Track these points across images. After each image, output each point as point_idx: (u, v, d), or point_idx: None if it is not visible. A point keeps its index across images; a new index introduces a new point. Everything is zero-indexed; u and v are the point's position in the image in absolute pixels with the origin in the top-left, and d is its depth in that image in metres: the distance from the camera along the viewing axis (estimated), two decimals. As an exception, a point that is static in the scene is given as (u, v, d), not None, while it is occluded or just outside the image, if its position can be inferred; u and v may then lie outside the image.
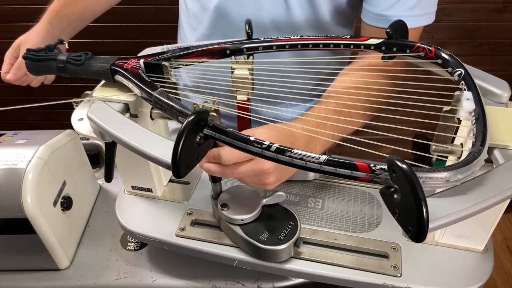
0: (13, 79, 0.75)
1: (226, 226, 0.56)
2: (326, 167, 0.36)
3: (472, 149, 0.40)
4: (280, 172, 0.51)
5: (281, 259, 0.54)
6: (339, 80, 0.66)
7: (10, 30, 1.53)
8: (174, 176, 0.40)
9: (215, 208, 0.57)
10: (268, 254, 0.53)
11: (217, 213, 0.57)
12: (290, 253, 0.54)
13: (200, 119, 0.39)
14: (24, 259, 0.64)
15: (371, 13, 0.66)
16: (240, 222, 0.54)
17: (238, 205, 0.55)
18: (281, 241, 0.52)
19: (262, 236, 0.53)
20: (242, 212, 0.54)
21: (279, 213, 0.56)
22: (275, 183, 0.52)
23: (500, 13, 1.46)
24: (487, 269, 0.54)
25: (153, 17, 1.50)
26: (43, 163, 0.59)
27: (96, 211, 0.75)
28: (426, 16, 0.65)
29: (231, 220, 0.54)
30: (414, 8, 0.63)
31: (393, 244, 0.56)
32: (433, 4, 0.65)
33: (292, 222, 0.55)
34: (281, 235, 0.53)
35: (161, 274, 0.63)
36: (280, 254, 0.53)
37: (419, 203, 0.30)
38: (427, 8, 0.65)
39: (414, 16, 0.63)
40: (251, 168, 0.49)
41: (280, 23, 0.72)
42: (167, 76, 0.54)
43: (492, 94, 0.53)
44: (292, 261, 0.54)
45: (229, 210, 0.55)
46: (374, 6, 0.66)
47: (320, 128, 0.56)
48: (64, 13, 0.80)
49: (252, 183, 0.52)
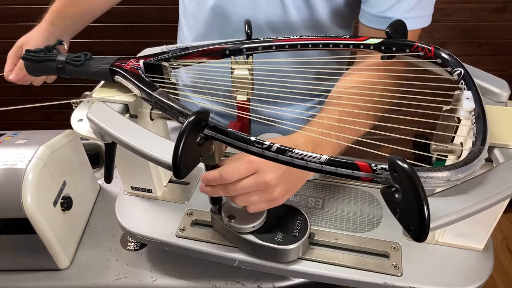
0: (15, 79, 0.75)
1: (236, 237, 0.54)
2: (327, 167, 0.36)
3: (473, 148, 0.40)
4: (286, 184, 0.50)
5: (299, 255, 0.53)
6: (346, 80, 0.65)
7: (11, 30, 1.53)
8: (174, 176, 0.40)
9: (219, 221, 0.55)
10: (287, 253, 0.52)
11: (221, 226, 0.55)
12: (306, 247, 0.53)
13: (201, 120, 0.39)
14: (24, 259, 0.64)
15: (369, 14, 0.66)
16: (251, 229, 0.53)
17: (244, 213, 0.53)
18: (297, 238, 0.52)
19: (277, 238, 0.52)
20: (251, 219, 0.53)
21: (284, 211, 0.56)
22: (282, 196, 0.51)
23: (500, 13, 1.46)
24: (487, 268, 0.54)
25: (153, 17, 1.50)
26: (43, 163, 0.59)
27: (96, 211, 0.75)
28: (423, 19, 0.65)
29: (242, 230, 0.53)
30: (412, 10, 0.63)
31: (394, 244, 0.56)
32: (430, 6, 0.65)
33: (301, 217, 0.55)
34: (295, 232, 0.53)
35: (161, 274, 0.63)
36: (298, 251, 0.53)
37: (420, 202, 0.30)
38: (424, 11, 0.65)
39: (412, 18, 0.63)
40: (254, 181, 0.48)
41: (276, 24, 0.72)
42: (166, 77, 0.54)
43: (491, 94, 0.53)
44: (293, 261, 0.54)
45: (237, 220, 0.53)
46: (372, 7, 0.66)
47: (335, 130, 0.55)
48: (65, 13, 0.81)
49: (260, 200, 0.50)
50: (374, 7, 0.65)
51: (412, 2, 0.63)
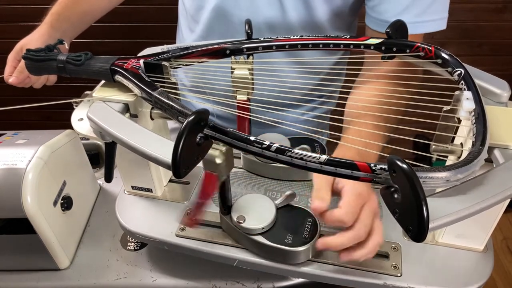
0: (16, 82, 0.75)
1: (244, 237, 0.54)
2: (327, 167, 0.36)
3: (472, 149, 0.40)
4: None
5: (309, 257, 0.53)
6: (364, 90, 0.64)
7: (11, 30, 1.53)
8: (174, 176, 0.40)
9: (228, 222, 0.55)
10: (296, 255, 0.52)
11: (229, 227, 0.55)
12: (315, 250, 0.53)
13: (200, 119, 0.39)
14: (24, 259, 0.64)
15: (377, 19, 0.66)
16: (261, 230, 0.53)
17: (253, 214, 0.53)
18: (306, 240, 0.52)
19: (287, 239, 0.52)
20: (260, 220, 0.53)
21: (294, 213, 0.56)
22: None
23: (500, 13, 1.46)
24: (487, 269, 0.54)
25: (153, 17, 1.50)
26: (43, 163, 0.59)
27: (96, 211, 0.75)
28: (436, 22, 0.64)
29: (252, 231, 0.53)
30: (423, 14, 0.63)
31: (393, 244, 0.56)
32: (444, 9, 0.64)
33: (311, 219, 0.55)
34: (305, 234, 0.53)
35: (161, 274, 0.63)
36: (308, 253, 0.53)
37: (419, 202, 0.30)
38: (436, 14, 0.64)
39: (422, 22, 0.63)
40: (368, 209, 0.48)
41: (276, 25, 0.72)
42: (167, 76, 0.54)
43: (492, 94, 0.53)
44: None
45: (246, 221, 0.53)
46: (380, 14, 0.65)
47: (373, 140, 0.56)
48: (65, 16, 0.81)
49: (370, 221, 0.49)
50: (382, 13, 0.65)
51: (419, 9, 0.62)
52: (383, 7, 0.65)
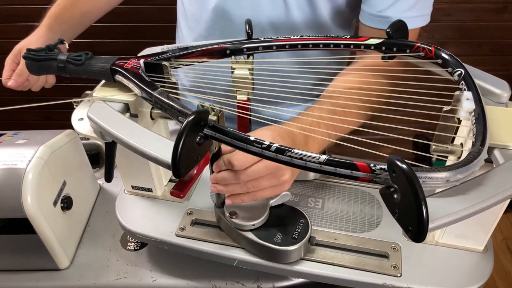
0: (14, 86, 0.74)
1: (236, 233, 0.55)
2: (326, 167, 0.36)
3: (472, 149, 0.40)
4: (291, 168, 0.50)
5: (297, 258, 0.53)
6: (337, 80, 0.66)
7: (11, 30, 1.53)
8: (174, 176, 0.40)
9: (221, 216, 0.56)
10: (284, 255, 0.52)
11: (224, 222, 0.56)
12: (306, 250, 0.54)
13: (200, 119, 0.39)
14: (24, 259, 0.64)
15: (368, 13, 0.67)
16: (251, 227, 0.53)
17: (246, 211, 0.54)
18: (295, 240, 0.52)
19: (276, 238, 0.53)
20: (252, 217, 0.54)
21: (287, 212, 0.56)
22: (291, 179, 0.51)
23: (500, 13, 1.46)
24: (487, 269, 0.54)
25: (153, 17, 1.50)
26: (43, 163, 0.59)
27: (96, 211, 0.75)
28: (422, 18, 0.66)
29: (242, 227, 0.54)
30: (410, 9, 0.64)
31: (393, 244, 0.56)
32: (429, 6, 0.66)
33: (303, 220, 0.55)
34: (295, 234, 0.53)
35: (161, 274, 0.63)
36: (296, 253, 0.53)
37: (419, 203, 0.30)
38: (423, 10, 0.65)
39: (411, 17, 0.63)
40: (265, 164, 0.48)
41: (279, 24, 0.72)
42: (167, 76, 0.54)
43: (492, 94, 0.53)
44: (292, 261, 0.54)
45: (238, 217, 0.54)
46: (371, 7, 0.66)
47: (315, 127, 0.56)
48: (64, 18, 0.80)
49: (269, 185, 0.51)
50: (373, 6, 0.66)
51: (410, 2, 0.63)
52: (373, 0, 0.66)
